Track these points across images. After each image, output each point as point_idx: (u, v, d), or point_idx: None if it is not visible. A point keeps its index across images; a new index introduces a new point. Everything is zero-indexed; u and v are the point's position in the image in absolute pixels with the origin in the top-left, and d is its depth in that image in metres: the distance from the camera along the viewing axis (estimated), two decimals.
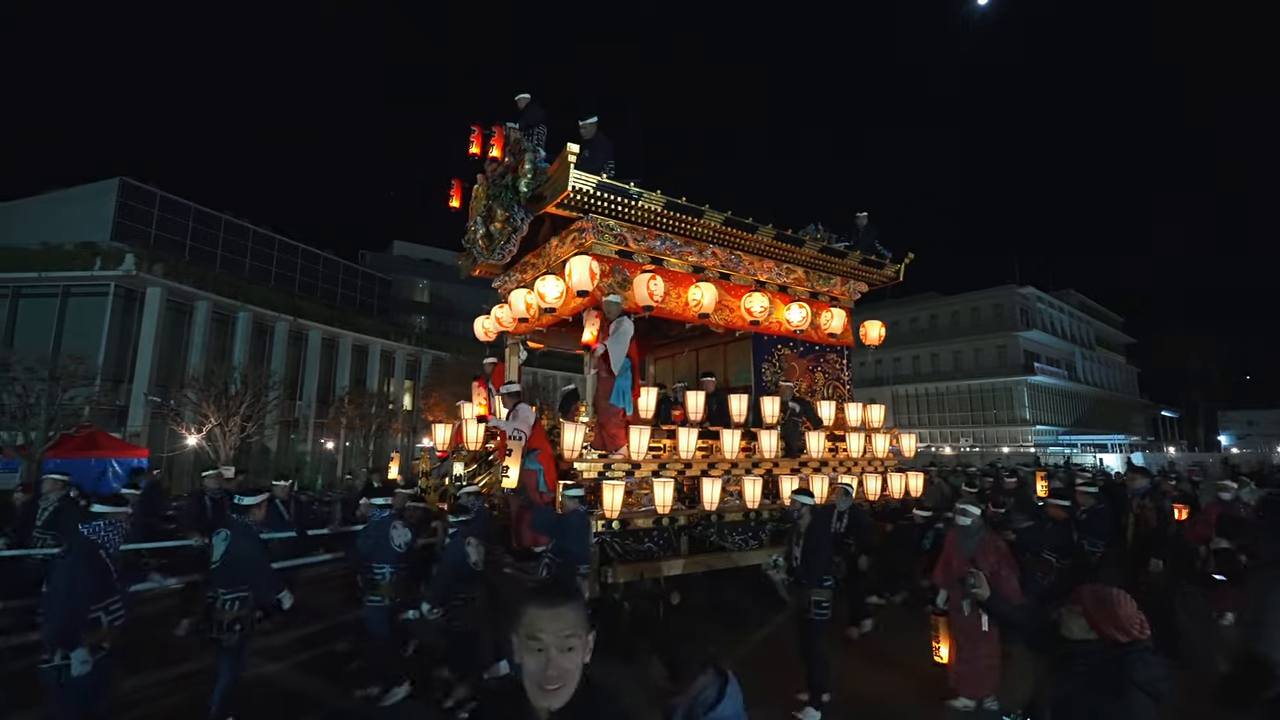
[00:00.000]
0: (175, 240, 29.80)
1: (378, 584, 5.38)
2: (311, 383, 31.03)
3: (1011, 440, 38.96)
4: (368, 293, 39.84)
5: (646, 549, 6.74)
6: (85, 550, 3.91)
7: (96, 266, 24.69)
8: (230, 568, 4.72)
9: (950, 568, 5.23)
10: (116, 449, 18.06)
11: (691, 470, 7.19)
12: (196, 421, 22.00)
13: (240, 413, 21.97)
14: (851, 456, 8.54)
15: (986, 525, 5.31)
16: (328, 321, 32.16)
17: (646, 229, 7.66)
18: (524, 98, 7.88)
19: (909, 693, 5.53)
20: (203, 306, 27.09)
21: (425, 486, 7.97)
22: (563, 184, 6.73)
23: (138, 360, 24.94)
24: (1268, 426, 45.51)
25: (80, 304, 24.75)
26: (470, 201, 8.48)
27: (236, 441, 22.07)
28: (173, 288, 25.95)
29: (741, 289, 8.46)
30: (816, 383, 9.21)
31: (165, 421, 23.60)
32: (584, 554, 5.57)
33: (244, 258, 32.84)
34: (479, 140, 7.92)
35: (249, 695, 5.05)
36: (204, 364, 25.42)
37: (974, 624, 4.93)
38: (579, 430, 6.55)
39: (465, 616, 5.25)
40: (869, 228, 9.90)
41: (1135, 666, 2.14)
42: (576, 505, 5.62)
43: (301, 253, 36.02)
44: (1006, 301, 42.30)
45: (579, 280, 6.90)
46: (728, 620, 7.41)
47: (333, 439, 30.09)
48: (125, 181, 28.45)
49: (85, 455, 16.91)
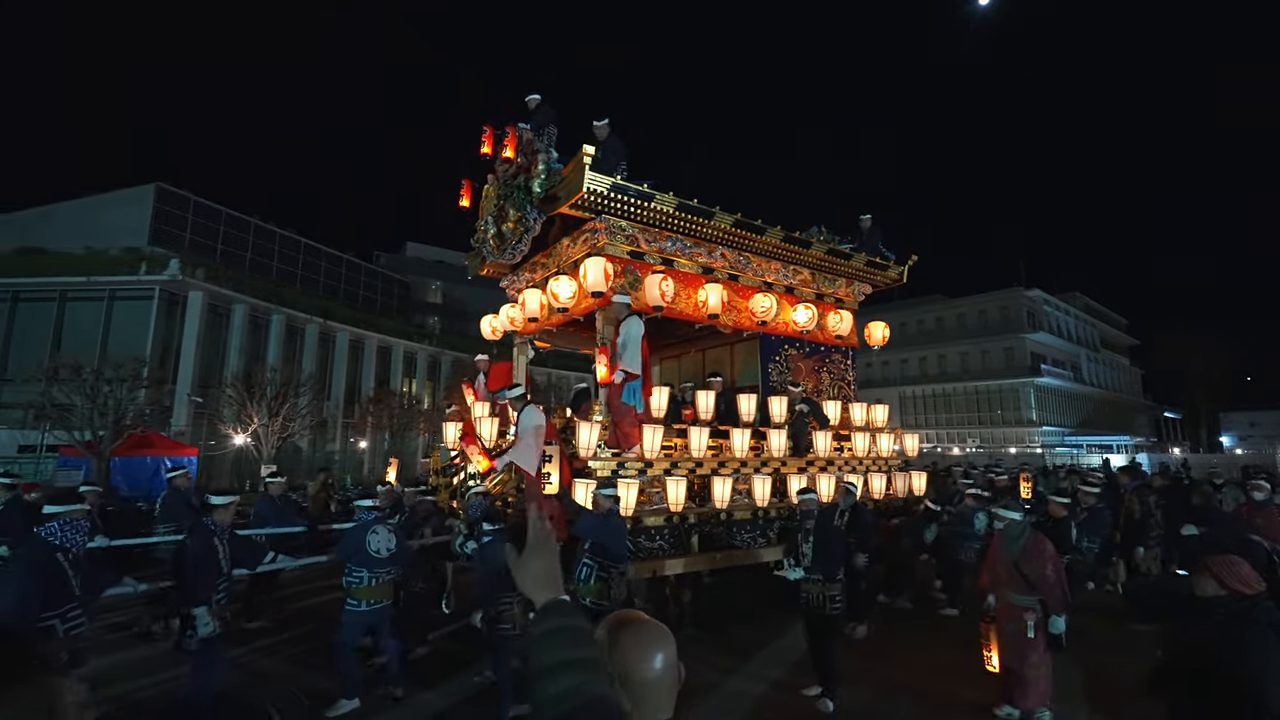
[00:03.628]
0: (208, 245, 30.03)
1: (352, 588, 5.12)
2: (339, 383, 31.19)
3: (1018, 441, 38.25)
4: (388, 294, 39.72)
5: (659, 546, 6.57)
6: (37, 553, 3.62)
7: (142, 271, 25.01)
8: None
9: (995, 573, 4.93)
10: (168, 448, 18.35)
11: (702, 469, 7.00)
12: (240, 421, 22.19)
13: (282, 413, 22.15)
14: (857, 456, 8.34)
15: (1030, 527, 5.01)
16: (354, 324, 32.31)
17: (658, 230, 7.48)
18: (534, 98, 7.70)
19: (909, 692, 5.31)
20: (240, 310, 27.33)
21: (437, 484, 7.84)
22: (577, 185, 6.56)
23: (180, 362, 25.20)
24: (1269, 427, 44.67)
25: (125, 307, 25.05)
26: (480, 201, 8.32)
27: (277, 441, 22.24)
28: (213, 291, 26.22)
29: (749, 290, 8.25)
30: (822, 383, 8.98)
31: (204, 421, 23.83)
32: (623, 554, 5.35)
33: (272, 261, 32.98)
34: (490, 140, 7.76)
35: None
36: (241, 366, 25.65)
37: (1020, 632, 4.64)
38: (594, 429, 6.39)
39: (508, 618, 4.99)
40: (873, 230, 9.65)
41: (1261, 611, 2.64)
42: (612, 504, 5.44)
43: (325, 255, 36.01)
44: (1013, 304, 41.56)
45: (594, 281, 6.74)
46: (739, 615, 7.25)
47: (361, 438, 30.22)
48: (161, 187, 28.66)
49: (142, 454, 17.18)
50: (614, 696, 0.99)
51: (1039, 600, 4.62)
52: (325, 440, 29.83)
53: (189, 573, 4.45)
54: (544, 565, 1.15)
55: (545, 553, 1.16)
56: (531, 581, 1.13)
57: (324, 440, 29.74)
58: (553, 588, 1.12)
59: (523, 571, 1.15)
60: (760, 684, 5.52)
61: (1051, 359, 42.20)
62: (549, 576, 1.14)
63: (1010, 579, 4.76)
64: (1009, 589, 4.77)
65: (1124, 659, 5.82)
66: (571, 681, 0.96)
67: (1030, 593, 4.64)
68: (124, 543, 6.55)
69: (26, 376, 19.50)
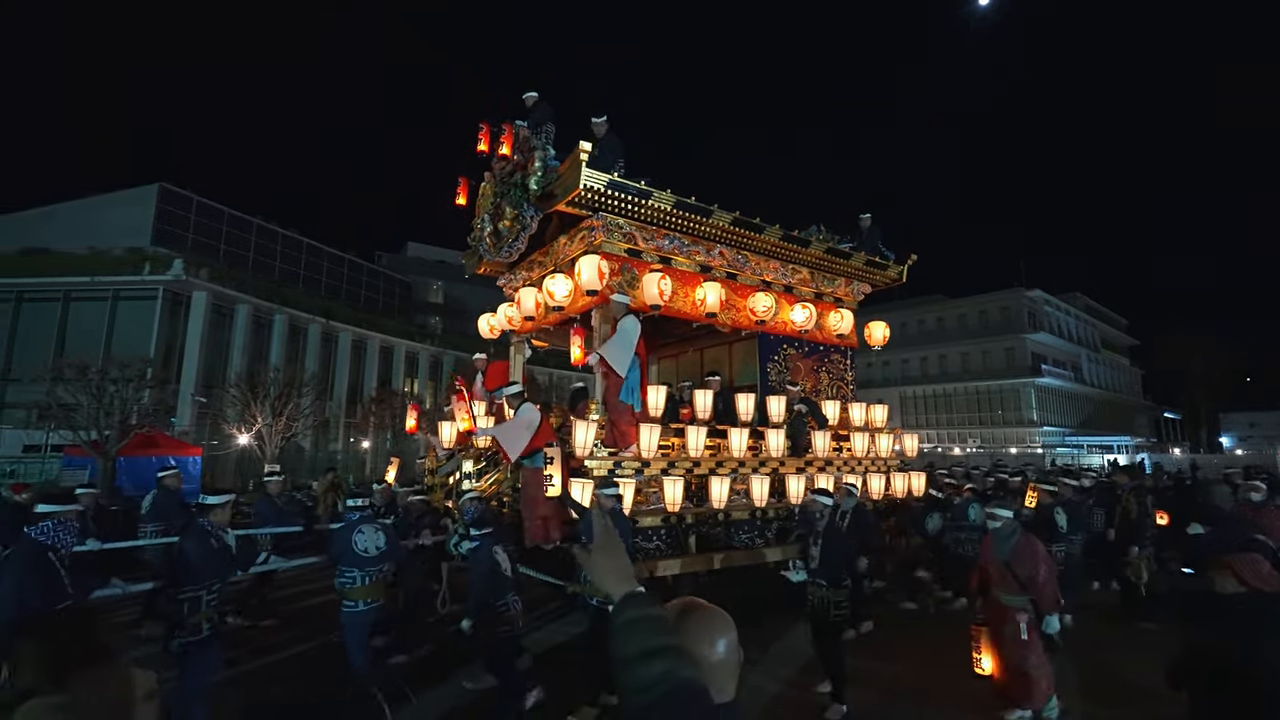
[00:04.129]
0: (210, 245, 29.82)
1: (345, 590, 5.02)
2: (341, 383, 31.05)
3: (1019, 441, 38.05)
4: (389, 294, 39.50)
5: (655, 547, 6.46)
6: (28, 553, 3.55)
7: (145, 271, 24.90)
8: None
9: (987, 573, 4.83)
10: (173, 448, 18.26)
11: (700, 469, 6.88)
12: (244, 421, 22.12)
13: (286, 413, 22.08)
14: (856, 456, 8.22)
15: (1020, 528, 4.91)
16: (355, 324, 32.20)
17: (656, 228, 7.36)
18: (532, 96, 7.57)
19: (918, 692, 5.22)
20: (243, 310, 27.23)
21: (432, 484, 7.74)
22: (574, 182, 6.45)
23: (184, 362, 25.13)
24: (1269, 428, 44.46)
25: (129, 307, 24.97)
26: (477, 199, 8.20)
27: (281, 441, 22.18)
28: (217, 291, 26.12)
29: (748, 289, 8.13)
30: (821, 382, 8.84)
31: (207, 421, 23.74)
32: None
33: (274, 261, 32.76)
34: (487, 138, 7.64)
35: None
36: (244, 366, 25.57)
37: (1015, 634, 4.54)
38: (590, 428, 6.28)
39: (507, 620, 4.91)
40: (872, 229, 9.51)
41: None
42: (615, 504, 5.32)
43: (327, 255, 35.80)
44: (1014, 304, 41.37)
45: (588, 279, 6.62)
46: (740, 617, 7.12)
47: (364, 438, 30.12)
48: (164, 187, 28.49)
49: (147, 454, 17.11)
50: (701, 680, 1.02)
51: (1030, 600, 4.54)
52: (328, 440, 29.75)
53: (179, 573, 4.35)
54: (614, 560, 1.18)
55: (613, 548, 1.20)
56: (604, 575, 1.17)
57: (326, 440, 29.65)
58: (627, 581, 1.15)
59: (595, 567, 1.18)
60: (774, 682, 5.48)
61: (1052, 359, 41.99)
62: (620, 570, 1.16)
63: (1002, 579, 4.68)
64: (1001, 589, 4.69)
65: (1126, 657, 5.76)
66: (660, 668, 0.99)
67: (1021, 593, 4.56)
68: (113, 545, 6.46)
69: (33, 376, 19.44)
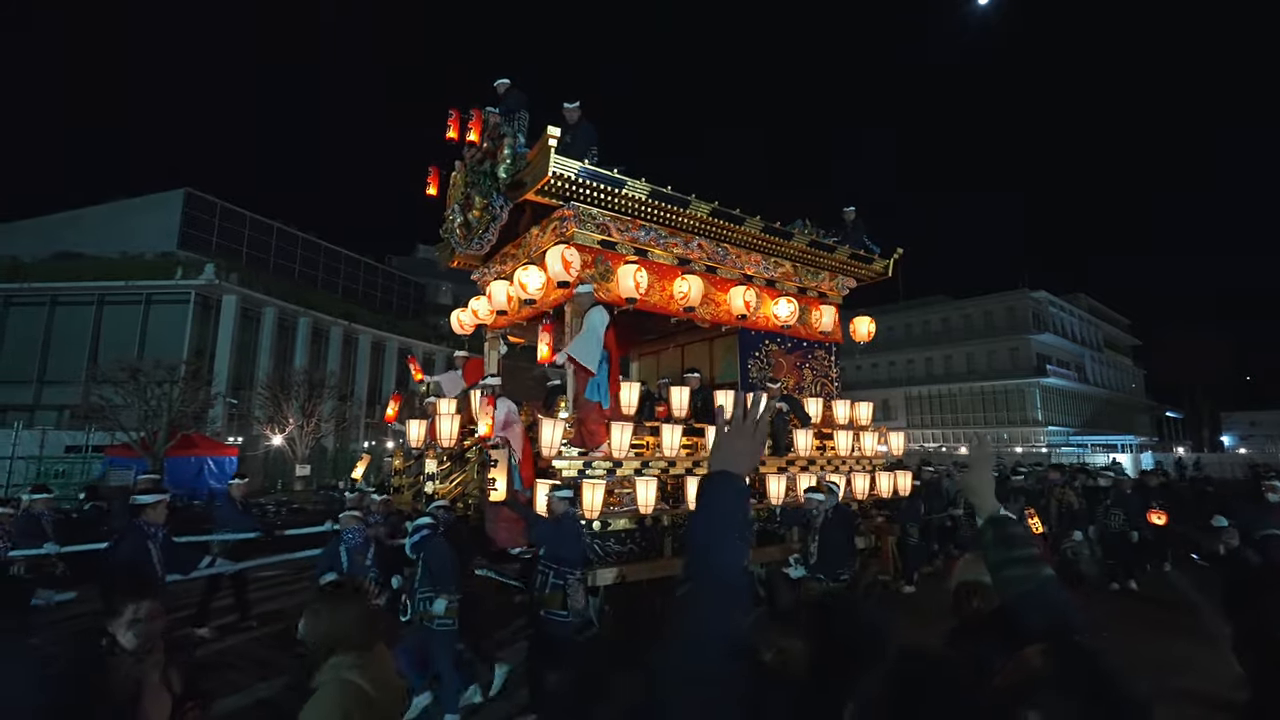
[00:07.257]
0: (233, 248, 29.74)
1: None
2: (362, 384, 30.87)
3: (1024, 441, 36.84)
4: (404, 296, 39.26)
5: (629, 550, 5.89)
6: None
7: (178, 276, 24.92)
8: None
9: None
10: (210, 449, 18.35)
11: (675, 469, 6.29)
12: (275, 422, 22.02)
13: (316, 414, 21.96)
14: (839, 455, 7.52)
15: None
16: (375, 326, 32.04)
17: (630, 219, 6.75)
18: (504, 82, 7.00)
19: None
20: (270, 313, 27.13)
21: (399, 485, 7.24)
22: (543, 169, 5.86)
23: (215, 364, 25.05)
24: (1269, 427, 42.78)
25: (161, 311, 24.95)
26: (448, 189, 7.65)
27: (311, 441, 22.05)
28: (245, 295, 26.02)
29: (728, 283, 7.47)
30: (804, 379, 8.16)
31: (236, 422, 23.64)
32: (577, 559, 4.91)
33: (294, 264, 32.66)
34: (456, 125, 7.08)
35: None
36: (270, 367, 25.46)
37: None
38: (557, 426, 5.72)
39: (452, 615, 4.74)
40: (857, 223, 8.81)
41: None
42: (568, 507, 4.96)
43: (345, 258, 35.57)
44: (1019, 305, 40.15)
45: (557, 271, 6.03)
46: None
47: (385, 438, 29.89)
48: (190, 192, 28.43)
49: (188, 454, 17.08)
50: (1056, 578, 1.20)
51: None
52: (349, 440, 29.61)
53: (114, 579, 3.93)
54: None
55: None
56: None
57: (348, 440, 29.51)
58: (989, 504, 1.38)
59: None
60: None
61: (1056, 359, 40.73)
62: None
63: None
64: None
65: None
66: (1022, 571, 1.23)
67: None
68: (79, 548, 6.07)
69: (76, 378, 19.42)
